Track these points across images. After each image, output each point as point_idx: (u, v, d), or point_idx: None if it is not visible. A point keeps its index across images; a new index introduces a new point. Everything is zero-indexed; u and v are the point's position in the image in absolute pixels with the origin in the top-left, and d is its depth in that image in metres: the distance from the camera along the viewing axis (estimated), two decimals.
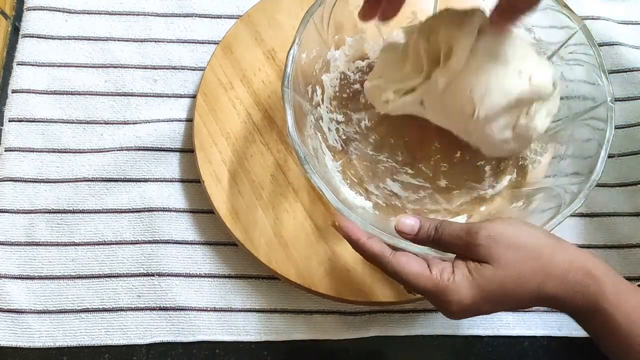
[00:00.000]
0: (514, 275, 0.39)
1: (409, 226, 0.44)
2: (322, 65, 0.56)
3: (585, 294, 0.39)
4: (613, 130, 0.49)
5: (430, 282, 0.40)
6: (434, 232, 0.43)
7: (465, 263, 0.40)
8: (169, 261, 0.56)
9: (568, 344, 0.55)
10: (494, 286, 0.39)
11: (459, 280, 0.39)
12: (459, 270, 0.40)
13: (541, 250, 0.40)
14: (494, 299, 0.40)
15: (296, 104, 0.49)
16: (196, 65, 0.63)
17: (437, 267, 0.40)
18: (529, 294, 0.40)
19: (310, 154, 0.49)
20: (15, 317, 0.54)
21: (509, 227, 0.41)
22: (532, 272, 0.39)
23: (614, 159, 0.62)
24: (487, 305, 0.40)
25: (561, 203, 0.48)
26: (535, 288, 0.39)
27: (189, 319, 0.55)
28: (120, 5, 0.65)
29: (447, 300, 0.40)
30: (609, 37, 0.66)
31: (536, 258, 0.40)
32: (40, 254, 0.56)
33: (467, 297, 0.39)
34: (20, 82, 0.61)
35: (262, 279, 0.56)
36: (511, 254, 0.39)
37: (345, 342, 0.55)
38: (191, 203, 0.58)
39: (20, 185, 0.58)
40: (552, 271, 0.39)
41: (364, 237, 0.43)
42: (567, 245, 0.41)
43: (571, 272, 0.39)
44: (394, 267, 0.41)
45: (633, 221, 0.59)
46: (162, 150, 0.60)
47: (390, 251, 0.42)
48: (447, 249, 0.42)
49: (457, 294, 0.39)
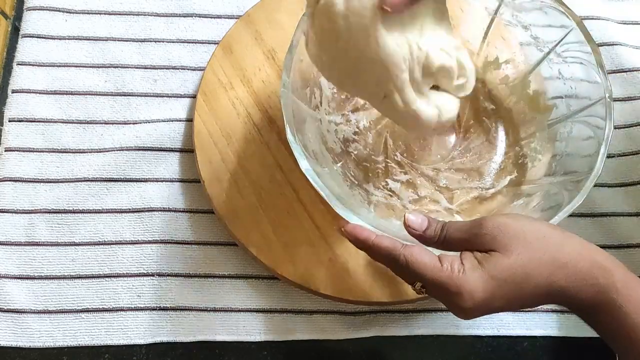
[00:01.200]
0: (523, 264, 0.39)
1: (418, 223, 0.43)
2: None
3: (595, 286, 0.39)
4: (612, 127, 0.49)
5: (443, 275, 0.39)
6: (440, 231, 0.43)
7: (472, 253, 0.40)
8: (169, 261, 0.56)
9: (568, 344, 0.55)
10: (505, 275, 0.39)
11: (469, 272, 0.39)
12: (467, 262, 0.39)
13: (548, 241, 0.40)
14: (505, 292, 0.39)
15: (295, 107, 0.49)
16: (196, 65, 0.63)
17: (447, 260, 0.40)
18: (539, 287, 0.39)
19: (310, 157, 0.49)
20: (15, 317, 0.54)
21: (514, 219, 0.41)
22: (541, 264, 0.39)
23: (614, 159, 0.62)
24: (499, 300, 0.39)
25: (561, 201, 0.48)
26: (545, 280, 0.39)
27: (189, 319, 0.55)
28: (120, 5, 0.65)
29: (459, 293, 0.39)
30: (608, 37, 0.66)
31: (543, 248, 0.39)
32: (40, 254, 0.56)
33: (479, 288, 0.39)
34: (20, 82, 0.61)
35: (262, 279, 0.56)
36: (518, 243, 0.39)
37: (345, 342, 0.55)
38: (191, 203, 0.58)
39: (20, 185, 0.58)
40: (560, 260, 0.39)
41: (372, 236, 0.43)
42: (573, 236, 0.41)
43: (580, 263, 0.39)
44: (407, 258, 0.40)
45: (633, 221, 0.59)
46: (162, 150, 0.60)
47: (402, 244, 0.41)
48: (453, 247, 0.42)
49: (469, 286, 0.38)
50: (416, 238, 0.43)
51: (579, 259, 0.39)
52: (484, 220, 0.41)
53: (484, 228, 0.40)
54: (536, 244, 0.39)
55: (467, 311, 0.39)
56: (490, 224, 0.40)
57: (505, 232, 0.40)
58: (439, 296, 0.41)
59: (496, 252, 0.39)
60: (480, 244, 0.40)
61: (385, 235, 0.43)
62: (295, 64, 0.49)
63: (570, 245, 0.40)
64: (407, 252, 0.41)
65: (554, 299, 0.40)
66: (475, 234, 0.40)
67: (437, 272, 0.39)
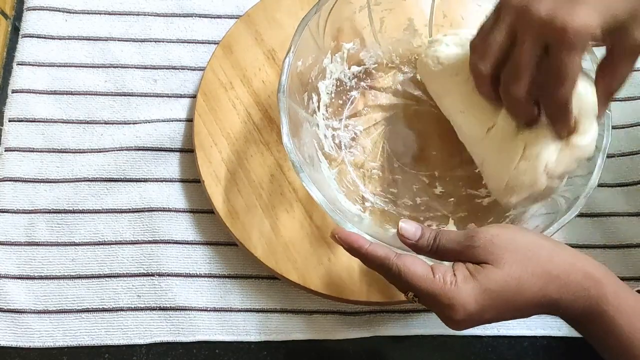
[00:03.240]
0: (515, 277, 0.39)
1: (412, 232, 0.43)
2: (318, 73, 0.56)
3: (587, 297, 0.39)
4: (610, 137, 0.49)
5: (435, 286, 0.39)
6: (432, 241, 0.42)
7: (464, 265, 0.40)
8: (169, 261, 0.56)
9: (568, 344, 0.55)
10: (497, 287, 0.39)
11: (462, 284, 0.39)
12: (459, 273, 0.40)
13: (539, 252, 0.40)
14: (497, 304, 0.39)
15: (292, 112, 0.49)
16: (196, 65, 0.63)
17: (440, 271, 0.40)
18: (532, 299, 0.39)
19: (306, 162, 0.49)
20: (15, 317, 0.54)
21: (506, 230, 0.41)
22: (533, 277, 0.39)
23: (614, 159, 0.62)
24: (491, 312, 0.39)
25: (558, 209, 0.48)
26: (537, 293, 0.39)
27: (189, 319, 0.55)
28: (120, 5, 0.65)
29: (450, 305, 0.39)
30: None
31: (535, 260, 0.39)
32: (40, 254, 0.56)
33: (471, 300, 0.39)
34: (20, 82, 0.61)
35: (261, 279, 0.56)
36: (510, 255, 0.39)
37: (345, 342, 0.55)
38: (191, 203, 0.58)
39: (20, 185, 0.58)
40: (552, 273, 0.39)
41: (366, 244, 0.43)
42: (565, 247, 0.41)
43: (572, 275, 0.39)
44: (400, 268, 0.40)
45: (633, 221, 0.59)
46: (162, 150, 0.60)
47: (395, 253, 0.42)
48: (445, 257, 0.42)
49: (461, 298, 0.39)
50: (409, 247, 0.43)
51: (570, 270, 0.39)
52: (476, 233, 0.41)
53: (476, 240, 0.40)
54: (528, 256, 0.40)
55: (459, 323, 0.40)
56: (483, 236, 0.40)
57: (498, 245, 0.40)
58: (430, 306, 0.41)
59: (488, 265, 0.39)
60: (472, 255, 0.40)
61: (379, 243, 0.43)
62: (293, 68, 0.49)
63: (561, 257, 0.40)
64: (400, 262, 0.41)
65: (546, 310, 0.40)
66: (467, 246, 0.40)
67: (430, 283, 0.39)
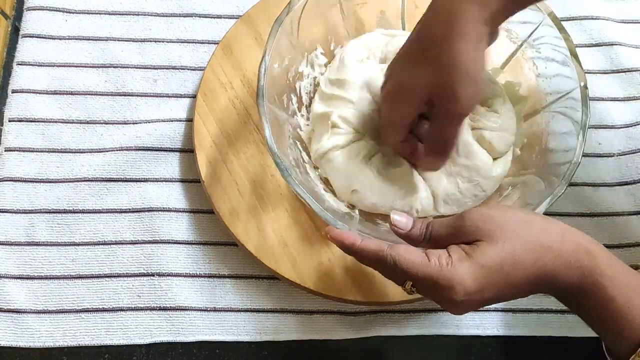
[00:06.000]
0: (510, 250, 0.39)
1: (403, 222, 0.43)
2: (296, 73, 0.56)
3: (580, 268, 0.39)
4: (589, 115, 0.49)
5: (431, 270, 0.39)
6: (425, 229, 0.43)
7: (458, 246, 0.40)
8: (169, 261, 0.56)
9: (568, 344, 0.55)
10: (493, 263, 0.39)
11: (458, 263, 0.39)
12: (455, 254, 0.39)
13: (531, 226, 0.40)
14: (495, 280, 0.39)
15: (273, 115, 0.49)
16: (196, 65, 0.63)
17: (434, 255, 0.40)
18: (528, 273, 0.39)
19: (291, 164, 0.49)
20: (15, 317, 0.54)
21: (495, 208, 0.42)
22: (527, 249, 0.39)
23: (614, 158, 0.62)
24: (490, 289, 0.39)
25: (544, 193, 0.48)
26: (533, 265, 0.39)
27: (189, 319, 0.55)
28: (120, 5, 0.65)
29: (450, 286, 0.38)
30: (607, 37, 0.66)
31: (528, 234, 0.40)
32: (40, 254, 0.56)
33: (469, 279, 0.38)
34: (20, 82, 0.61)
35: (261, 279, 0.56)
36: (502, 231, 0.40)
37: (345, 342, 0.55)
38: (191, 203, 0.58)
39: (20, 185, 0.58)
40: (545, 243, 0.39)
41: (358, 240, 0.43)
42: (555, 221, 0.41)
43: (565, 245, 0.39)
44: (394, 258, 0.40)
45: (633, 220, 0.59)
46: (162, 150, 0.60)
47: (388, 245, 0.41)
48: (439, 243, 0.42)
49: (459, 277, 0.38)
50: (402, 238, 0.44)
51: (563, 241, 0.40)
52: (466, 213, 0.41)
53: (467, 220, 0.41)
54: (520, 230, 0.40)
55: (460, 304, 0.39)
56: (473, 215, 0.41)
57: (489, 221, 0.40)
58: (430, 293, 0.41)
59: (482, 242, 0.39)
60: (465, 235, 0.40)
61: (371, 238, 0.43)
62: (270, 72, 0.49)
63: (553, 228, 0.41)
64: (393, 252, 0.41)
65: (543, 284, 0.40)
66: (459, 227, 0.41)
67: (426, 267, 0.39)
